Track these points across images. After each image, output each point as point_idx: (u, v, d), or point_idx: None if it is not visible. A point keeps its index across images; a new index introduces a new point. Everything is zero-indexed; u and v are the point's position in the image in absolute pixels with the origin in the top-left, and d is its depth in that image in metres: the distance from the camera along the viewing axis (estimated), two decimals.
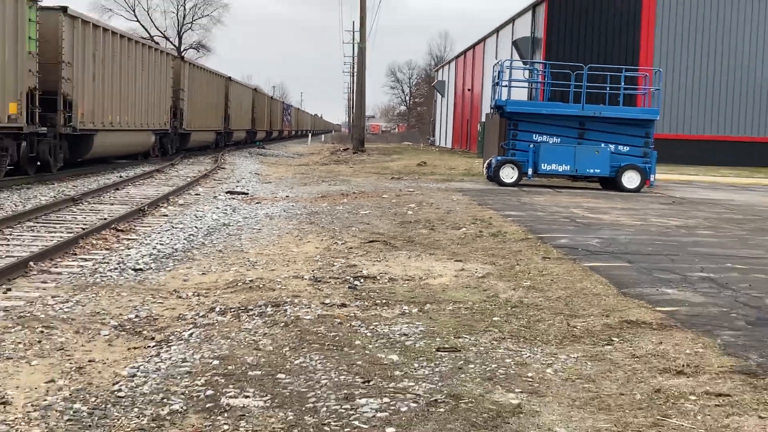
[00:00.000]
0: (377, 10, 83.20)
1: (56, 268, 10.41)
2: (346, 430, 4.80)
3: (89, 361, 6.30)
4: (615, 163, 24.69)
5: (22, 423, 4.97)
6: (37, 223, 14.63)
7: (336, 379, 5.72)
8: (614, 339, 6.98)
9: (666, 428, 4.92)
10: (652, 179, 25.35)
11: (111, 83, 27.21)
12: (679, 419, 5.08)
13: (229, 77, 54.02)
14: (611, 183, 24.75)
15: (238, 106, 56.32)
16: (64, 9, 22.85)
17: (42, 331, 7.13)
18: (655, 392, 5.58)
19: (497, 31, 56.30)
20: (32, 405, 5.27)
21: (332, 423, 4.90)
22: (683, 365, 6.20)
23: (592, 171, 24.82)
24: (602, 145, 24.86)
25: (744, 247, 12.81)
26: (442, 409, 5.16)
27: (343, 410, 5.11)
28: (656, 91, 27.33)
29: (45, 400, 5.36)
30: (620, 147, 25.02)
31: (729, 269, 10.63)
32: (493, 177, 25.04)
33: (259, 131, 69.04)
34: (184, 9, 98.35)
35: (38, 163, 22.86)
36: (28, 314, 7.76)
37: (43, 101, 21.83)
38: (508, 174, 24.70)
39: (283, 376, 5.80)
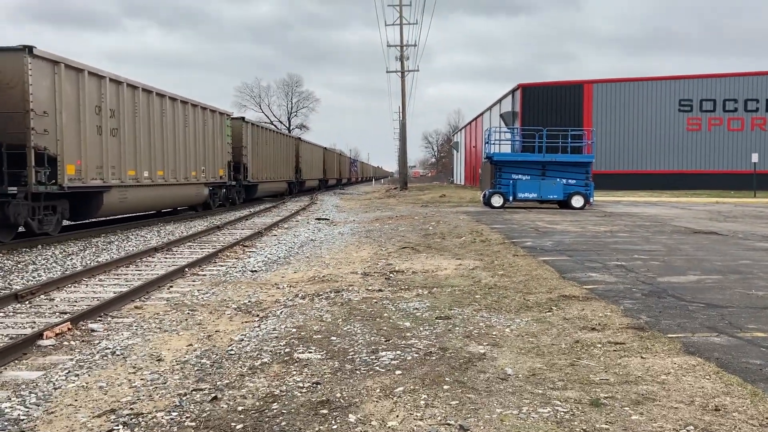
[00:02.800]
0: (413, 98, 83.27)
1: (202, 271, 10.54)
2: (370, 372, 4.80)
3: (216, 331, 6.36)
4: (567, 191, 24.30)
5: (169, 372, 5.05)
6: (194, 243, 14.83)
7: (368, 339, 5.72)
8: (553, 308, 6.88)
9: (578, 366, 4.83)
10: (591, 200, 24.92)
11: (134, 138, 17.79)
12: (588, 360, 4.99)
13: (299, 138, 46.97)
14: (564, 204, 24.36)
15: (309, 161, 47.58)
16: (29, 48, 13.33)
17: (188, 312, 7.23)
18: (575, 342, 5.48)
19: (490, 108, 55.75)
20: (176, 360, 5.35)
21: (362, 368, 4.90)
22: (596, 324, 6.09)
23: (551, 196, 24.46)
24: (558, 179, 24.48)
25: (647, 244, 12.51)
26: (434, 357, 5.12)
27: (369, 359, 5.10)
28: (592, 143, 27.01)
29: (184, 357, 5.43)
30: (570, 180, 24.60)
31: (635, 259, 10.39)
32: (487, 203, 24.79)
33: (330, 179, 60.53)
34: (291, 103, 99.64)
35: (19, 228, 13.98)
36: (181, 302, 7.88)
37: (10, 157, 13.39)
38: (497, 200, 24.44)
39: (335, 338, 5.81)
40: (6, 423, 4.05)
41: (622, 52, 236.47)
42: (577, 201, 24.05)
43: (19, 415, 4.17)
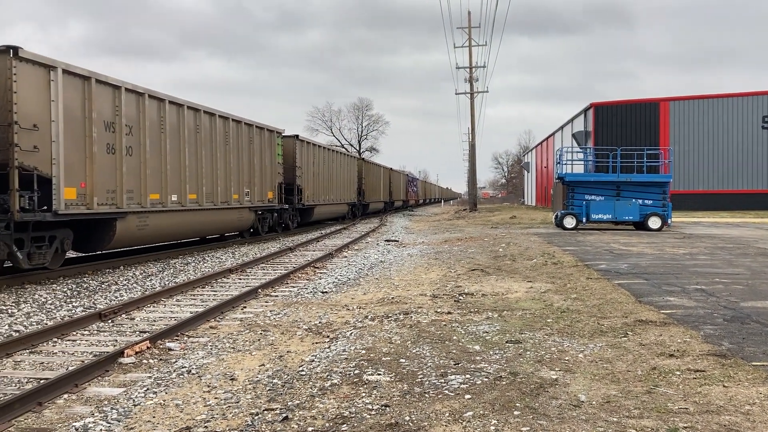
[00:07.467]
0: (483, 119, 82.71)
1: (275, 292, 10.74)
2: (439, 395, 4.76)
3: (287, 351, 6.46)
4: (643, 212, 23.54)
5: (242, 391, 5.16)
6: (267, 264, 15.14)
7: (437, 362, 5.68)
8: (629, 333, 6.66)
9: (656, 394, 4.65)
10: (669, 222, 24.06)
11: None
12: (666, 388, 4.80)
13: (363, 158, 44.71)
14: (640, 225, 23.59)
15: (374, 182, 44.87)
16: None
17: (261, 333, 7.38)
18: (652, 369, 5.29)
19: (561, 128, 54.85)
20: (249, 380, 5.46)
21: (431, 391, 4.87)
22: (674, 350, 5.86)
23: (627, 217, 23.74)
24: (633, 200, 23.79)
25: (729, 267, 11.96)
26: (504, 382, 5.04)
27: (438, 383, 5.06)
28: (670, 162, 26.17)
29: (257, 377, 5.54)
30: (646, 201, 23.85)
31: (716, 283, 9.95)
32: (559, 224, 24.29)
33: (396, 201, 56.28)
34: (361, 126, 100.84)
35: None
36: (254, 322, 8.05)
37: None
38: (569, 222, 23.91)
39: (404, 360, 5.79)
40: None
41: (677, 69, 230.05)
42: (653, 222, 23.26)
43: (101, 430, 4.34)
